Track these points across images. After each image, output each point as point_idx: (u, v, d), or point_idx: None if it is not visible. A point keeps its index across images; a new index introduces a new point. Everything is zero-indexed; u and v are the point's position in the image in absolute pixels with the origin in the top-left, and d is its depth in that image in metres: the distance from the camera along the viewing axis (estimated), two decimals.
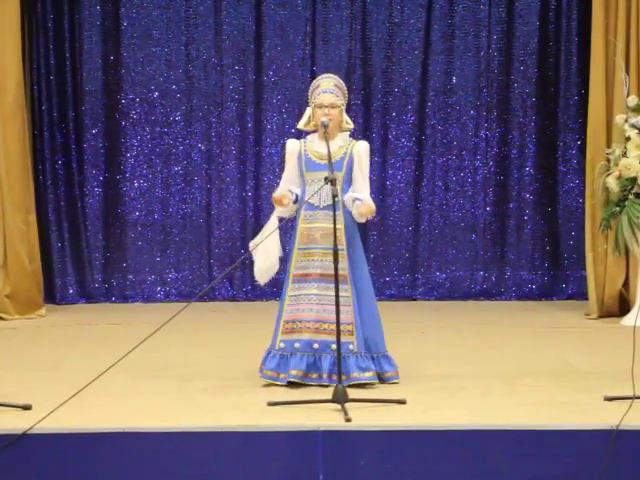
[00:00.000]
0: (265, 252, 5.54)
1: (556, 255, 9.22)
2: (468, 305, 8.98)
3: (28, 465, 4.47)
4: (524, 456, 4.52)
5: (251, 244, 5.60)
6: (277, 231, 5.55)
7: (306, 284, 5.49)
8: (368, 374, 5.43)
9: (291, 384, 5.40)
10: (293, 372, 5.40)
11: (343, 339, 5.32)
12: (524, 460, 4.52)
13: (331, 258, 5.20)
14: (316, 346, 5.44)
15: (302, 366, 5.42)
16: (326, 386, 5.32)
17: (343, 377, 5.26)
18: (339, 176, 5.48)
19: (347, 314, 5.42)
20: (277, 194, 5.54)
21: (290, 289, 5.53)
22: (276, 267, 5.60)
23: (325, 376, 5.41)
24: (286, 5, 9.07)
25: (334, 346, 5.32)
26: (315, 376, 5.42)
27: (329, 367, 5.41)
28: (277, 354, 5.48)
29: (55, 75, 8.93)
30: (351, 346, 5.44)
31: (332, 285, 5.23)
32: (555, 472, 4.51)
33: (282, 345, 5.48)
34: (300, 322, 5.48)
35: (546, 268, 9.23)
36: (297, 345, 5.45)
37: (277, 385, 5.42)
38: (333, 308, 5.24)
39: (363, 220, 5.59)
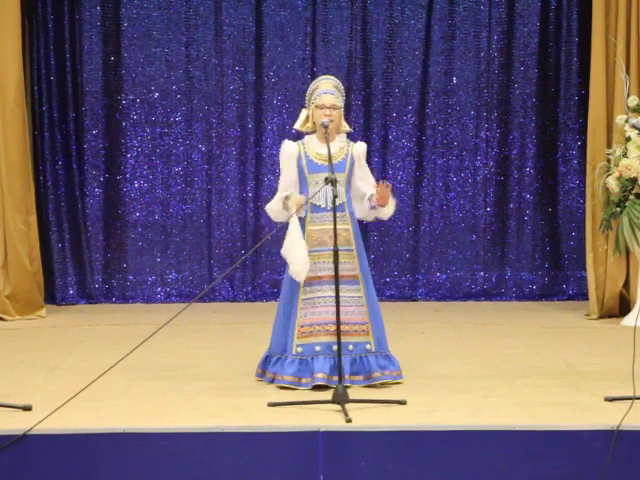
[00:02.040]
0: (294, 256, 5.41)
1: (556, 255, 9.21)
2: (468, 305, 8.97)
3: (28, 465, 4.47)
4: (524, 456, 4.52)
5: (283, 252, 5.46)
6: (300, 231, 5.44)
7: (319, 286, 5.46)
8: (387, 372, 5.45)
9: (316, 388, 5.35)
10: (319, 375, 5.36)
11: (360, 339, 5.42)
12: (524, 460, 4.51)
13: (343, 259, 5.24)
14: (335, 348, 5.35)
15: (326, 369, 5.38)
16: (348, 387, 5.27)
17: (362, 377, 5.39)
18: (342, 177, 5.49)
19: (362, 314, 5.43)
20: (298, 200, 5.43)
21: (302, 292, 5.48)
22: (308, 263, 5.43)
23: (347, 377, 5.36)
24: (286, 6, 9.06)
25: (351, 347, 5.39)
26: (336, 378, 5.36)
27: (349, 368, 5.40)
28: (296, 359, 5.42)
29: (55, 76, 8.92)
30: (368, 346, 5.45)
31: (347, 286, 5.36)
32: (555, 472, 4.51)
33: (300, 349, 5.43)
34: (318, 325, 5.44)
35: (546, 268, 9.22)
36: (318, 348, 5.42)
37: (298, 390, 5.35)
38: (350, 309, 5.36)
39: (388, 211, 5.58)
